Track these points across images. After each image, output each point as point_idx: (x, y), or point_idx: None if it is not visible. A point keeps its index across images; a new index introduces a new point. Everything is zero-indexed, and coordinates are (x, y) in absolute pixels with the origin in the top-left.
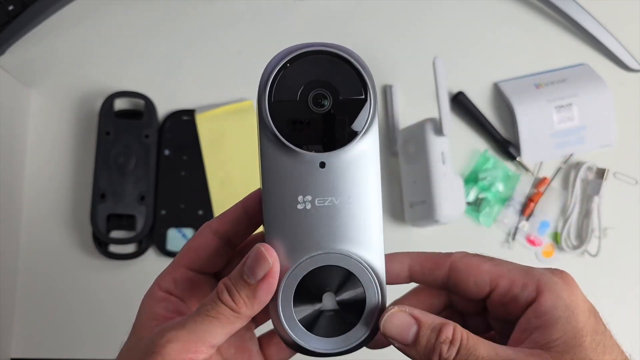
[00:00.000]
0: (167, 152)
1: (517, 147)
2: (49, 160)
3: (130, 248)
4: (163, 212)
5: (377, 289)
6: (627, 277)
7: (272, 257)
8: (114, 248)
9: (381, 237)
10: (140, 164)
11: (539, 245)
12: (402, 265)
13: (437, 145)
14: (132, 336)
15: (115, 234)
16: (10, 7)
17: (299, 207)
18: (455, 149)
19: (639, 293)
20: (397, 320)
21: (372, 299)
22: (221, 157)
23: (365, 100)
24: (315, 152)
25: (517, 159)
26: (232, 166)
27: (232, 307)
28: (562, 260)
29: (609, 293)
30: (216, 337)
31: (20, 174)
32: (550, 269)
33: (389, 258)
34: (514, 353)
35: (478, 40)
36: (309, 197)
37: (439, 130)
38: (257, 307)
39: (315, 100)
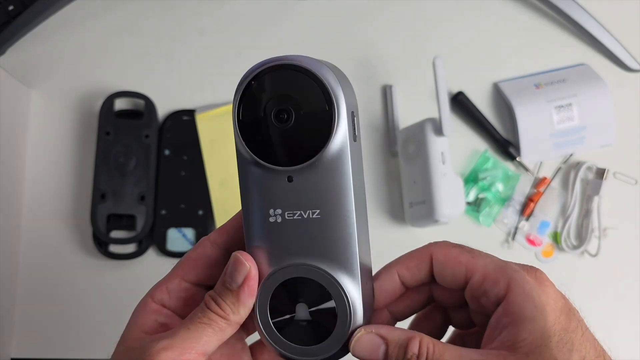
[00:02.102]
0: (167, 152)
1: (517, 147)
2: (49, 160)
3: (130, 248)
4: (163, 212)
5: (347, 301)
6: (627, 277)
7: (249, 262)
8: (114, 248)
9: (356, 249)
10: (140, 164)
11: (539, 245)
12: (392, 279)
13: (437, 145)
14: (120, 347)
15: (116, 234)
16: (11, 7)
17: (271, 219)
18: (455, 149)
19: (638, 293)
20: (366, 342)
21: (343, 311)
22: (221, 157)
23: (329, 112)
24: (282, 166)
25: (517, 159)
26: (232, 166)
27: (220, 314)
28: (562, 260)
29: (608, 293)
30: (208, 344)
31: (20, 174)
32: (526, 266)
33: (378, 278)
34: (477, 355)
35: (478, 40)
36: (279, 211)
37: (438, 130)
38: (243, 312)
39: (277, 116)
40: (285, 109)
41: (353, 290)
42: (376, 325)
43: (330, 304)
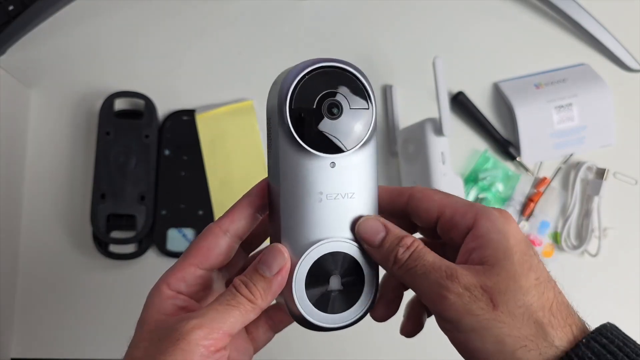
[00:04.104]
0: (167, 152)
1: (517, 147)
2: (49, 160)
3: (130, 248)
4: (163, 212)
5: (373, 270)
6: (627, 277)
7: (287, 254)
8: (114, 248)
9: None
10: (140, 164)
11: (539, 245)
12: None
13: (437, 145)
14: (143, 328)
15: (116, 234)
16: (11, 7)
17: (312, 200)
18: (455, 149)
19: (638, 293)
20: (370, 225)
21: (370, 279)
22: (221, 157)
23: (370, 110)
24: (328, 154)
25: (517, 158)
26: (232, 166)
27: (250, 298)
28: (562, 260)
29: (608, 293)
30: (234, 326)
31: (20, 174)
32: (493, 207)
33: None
34: (452, 264)
35: (478, 40)
36: (321, 192)
37: (438, 130)
38: (270, 299)
39: (329, 108)
40: (337, 103)
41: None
42: (382, 217)
43: (360, 274)
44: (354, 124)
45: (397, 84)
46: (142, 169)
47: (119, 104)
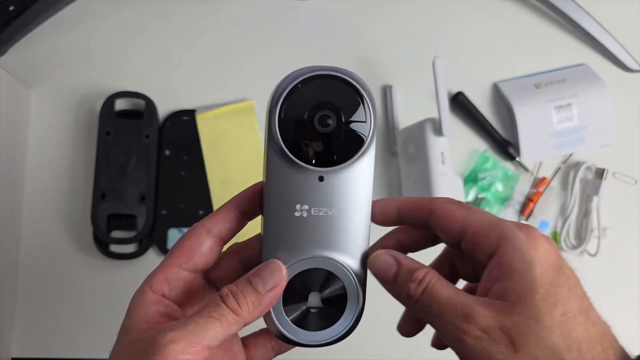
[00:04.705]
0: (167, 152)
1: (517, 147)
2: (50, 161)
3: (130, 248)
4: (163, 212)
5: (357, 293)
6: (627, 277)
7: (285, 272)
8: (114, 248)
9: (367, 245)
10: (140, 164)
11: None
12: (390, 208)
13: (437, 145)
14: (125, 338)
15: (116, 233)
16: (11, 8)
17: (296, 214)
18: (454, 149)
19: (638, 293)
20: (383, 260)
21: (352, 301)
22: (221, 157)
23: (367, 125)
24: (316, 167)
25: (517, 159)
26: (233, 166)
27: (235, 309)
28: None
29: (608, 293)
30: (214, 339)
31: (21, 174)
32: (519, 223)
33: (378, 201)
34: (469, 300)
35: (478, 40)
36: (306, 206)
37: (438, 130)
38: (257, 315)
39: (321, 120)
40: (329, 115)
41: (362, 280)
42: (394, 250)
43: (342, 294)
44: (348, 137)
45: (397, 84)
46: (143, 169)
47: (120, 104)
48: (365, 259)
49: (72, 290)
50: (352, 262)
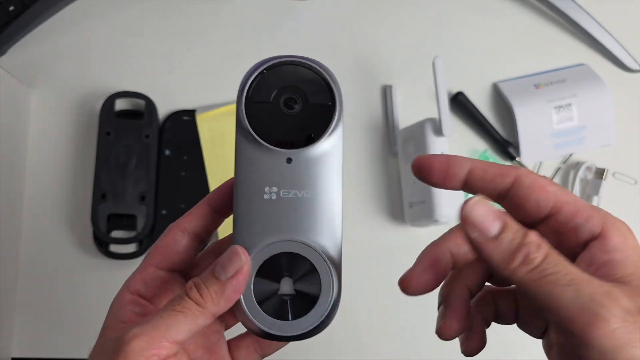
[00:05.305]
0: (167, 152)
1: (517, 147)
2: (50, 161)
3: (130, 248)
4: (164, 212)
5: (331, 276)
6: None
7: (245, 257)
8: (114, 248)
9: (340, 229)
10: (140, 164)
11: None
12: (461, 167)
13: (437, 145)
14: (99, 339)
15: (116, 233)
16: (11, 8)
17: (265, 196)
18: (454, 149)
19: None
20: (483, 210)
21: (327, 286)
22: (221, 157)
23: (332, 106)
24: (283, 148)
25: (517, 159)
26: (233, 166)
27: (198, 301)
28: None
29: None
30: (180, 333)
31: (21, 174)
32: (617, 218)
33: (437, 156)
34: (595, 285)
35: (478, 40)
36: (274, 189)
37: (438, 130)
38: (223, 305)
39: (286, 102)
40: (295, 97)
41: (337, 264)
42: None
43: (315, 278)
44: (314, 119)
45: (397, 84)
46: (143, 169)
47: (120, 104)
48: (339, 246)
49: (72, 290)
50: (324, 244)
